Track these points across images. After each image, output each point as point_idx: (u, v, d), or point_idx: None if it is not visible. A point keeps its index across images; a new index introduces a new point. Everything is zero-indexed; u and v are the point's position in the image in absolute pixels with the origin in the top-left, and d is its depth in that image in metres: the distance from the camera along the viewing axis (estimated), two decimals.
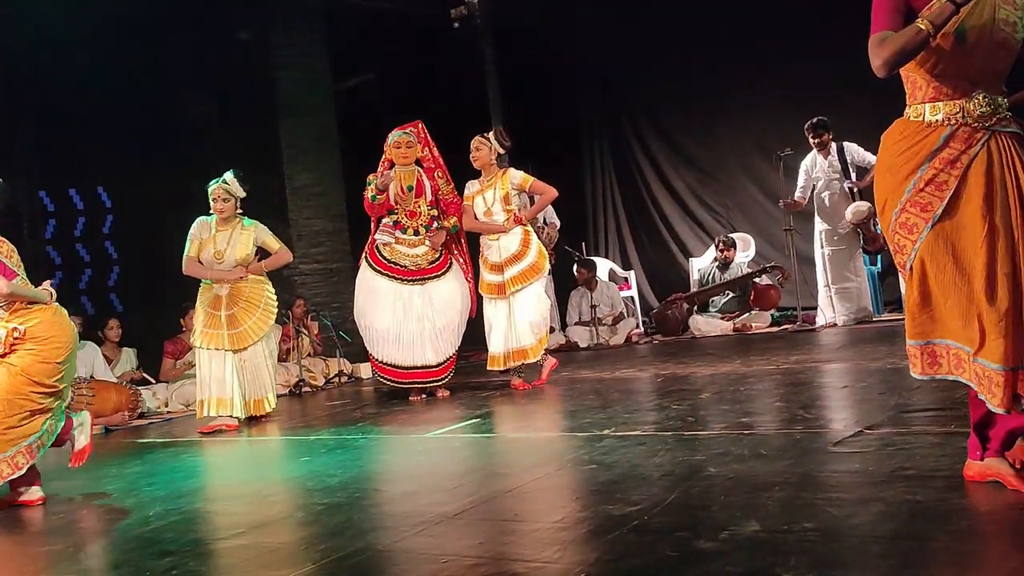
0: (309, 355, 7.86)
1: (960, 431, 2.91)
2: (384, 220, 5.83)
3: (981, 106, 2.30)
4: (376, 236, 5.85)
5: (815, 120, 7.32)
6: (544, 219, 7.90)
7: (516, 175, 5.72)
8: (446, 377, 5.83)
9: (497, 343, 5.69)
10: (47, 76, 8.91)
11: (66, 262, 9.89)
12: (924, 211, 2.30)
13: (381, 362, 5.82)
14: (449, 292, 5.81)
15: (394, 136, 5.83)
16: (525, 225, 5.76)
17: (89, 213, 10.03)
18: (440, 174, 5.90)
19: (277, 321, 7.83)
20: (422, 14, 9.38)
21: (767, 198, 9.23)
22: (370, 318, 5.81)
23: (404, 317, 5.69)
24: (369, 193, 5.80)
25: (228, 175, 5.38)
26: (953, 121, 2.31)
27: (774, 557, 1.99)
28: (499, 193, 5.68)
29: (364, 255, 5.94)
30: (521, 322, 5.63)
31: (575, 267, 8.98)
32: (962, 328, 2.26)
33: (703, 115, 9.71)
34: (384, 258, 5.78)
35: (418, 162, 5.87)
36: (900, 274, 2.44)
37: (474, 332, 7.00)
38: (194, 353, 7.32)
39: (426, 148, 5.91)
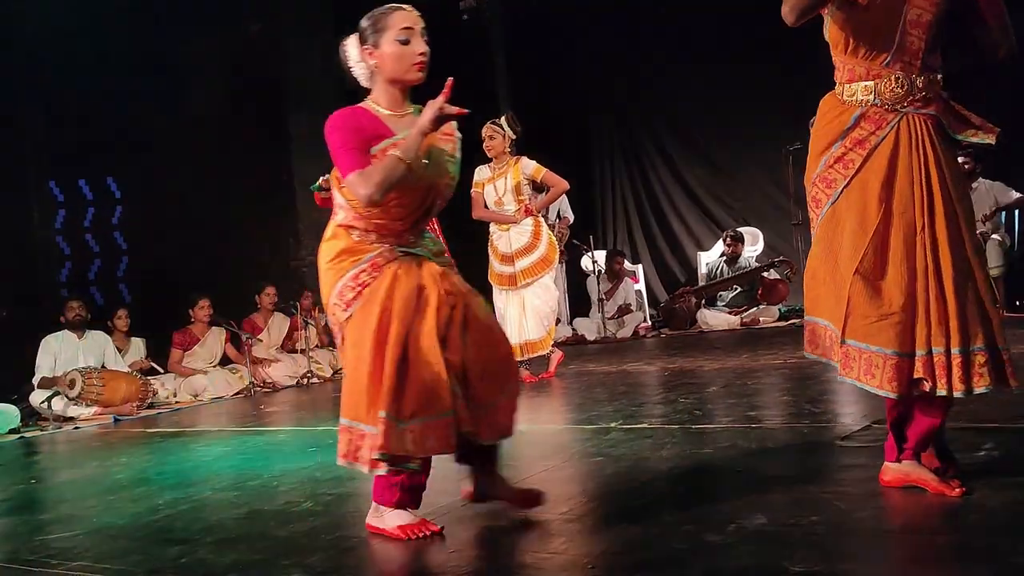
0: (317, 347, 7.88)
1: (969, 426, 2.92)
2: None
3: (893, 87, 2.29)
4: None
5: None
6: (559, 212, 7.90)
7: (529, 165, 5.69)
8: None
9: (512, 334, 5.69)
10: (57, 67, 8.93)
11: (75, 252, 9.93)
12: (828, 187, 2.37)
13: None
14: None
15: None
16: (536, 216, 5.75)
17: (98, 203, 10.06)
18: None
19: (285, 313, 7.90)
20: (430, 6, 9.36)
21: (777, 192, 9.21)
22: None
23: None
24: (313, 185, 5.71)
25: None
26: (865, 102, 2.31)
27: (781, 550, 2.00)
28: (511, 183, 5.66)
29: None
30: (531, 315, 5.63)
31: (605, 256, 9.06)
32: (834, 306, 2.32)
33: (713, 108, 9.68)
34: None
35: None
36: None
37: None
38: (203, 344, 7.39)
39: None
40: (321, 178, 5.69)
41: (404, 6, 2.48)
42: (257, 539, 2.57)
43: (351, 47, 2.54)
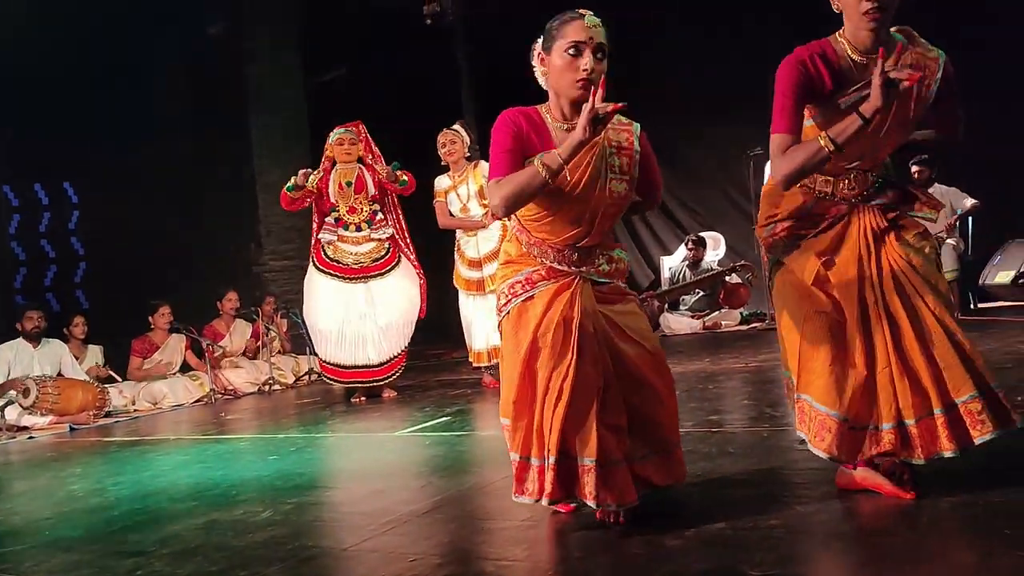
0: (279, 353, 7.81)
1: None
2: (327, 218, 5.80)
3: (851, 184, 2.38)
4: (319, 236, 5.83)
5: None
6: None
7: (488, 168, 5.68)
8: (390, 377, 5.82)
9: (480, 339, 5.69)
10: (12, 69, 8.76)
11: (30, 258, 9.75)
12: (771, 250, 2.53)
13: (325, 361, 5.85)
14: (393, 291, 5.78)
15: (337, 133, 5.81)
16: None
17: (54, 208, 9.89)
18: (381, 167, 5.83)
19: (247, 319, 7.81)
20: (395, 10, 9.34)
21: (740, 196, 9.30)
22: (314, 317, 5.83)
23: (346, 316, 5.69)
24: (288, 184, 5.71)
25: None
26: (822, 193, 2.41)
27: (740, 554, 2.01)
28: (473, 188, 5.66)
29: (311, 254, 5.92)
30: None
31: None
32: (790, 359, 2.41)
33: (676, 111, 9.75)
34: (328, 257, 5.77)
35: (360, 160, 5.86)
36: None
37: (446, 330, 6.92)
38: (162, 351, 7.29)
39: (367, 150, 5.88)
40: (299, 174, 5.67)
41: (585, 16, 2.31)
42: (214, 550, 2.54)
43: (538, 45, 2.39)
